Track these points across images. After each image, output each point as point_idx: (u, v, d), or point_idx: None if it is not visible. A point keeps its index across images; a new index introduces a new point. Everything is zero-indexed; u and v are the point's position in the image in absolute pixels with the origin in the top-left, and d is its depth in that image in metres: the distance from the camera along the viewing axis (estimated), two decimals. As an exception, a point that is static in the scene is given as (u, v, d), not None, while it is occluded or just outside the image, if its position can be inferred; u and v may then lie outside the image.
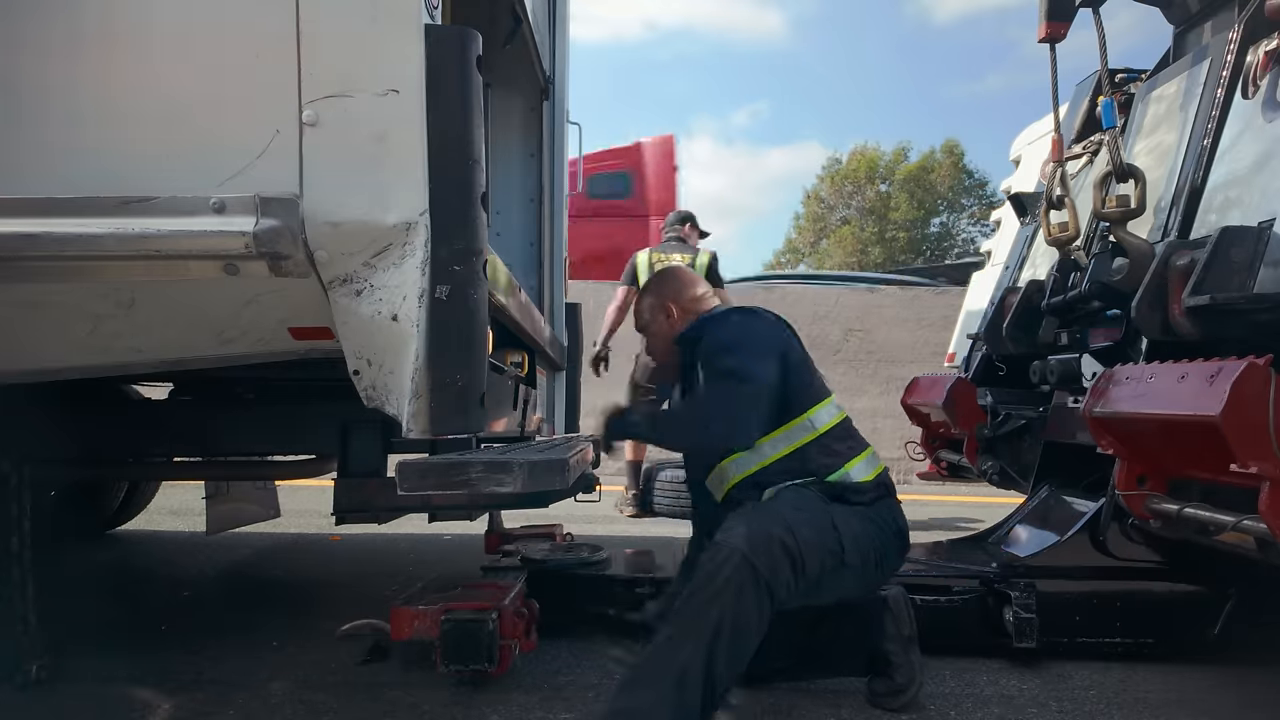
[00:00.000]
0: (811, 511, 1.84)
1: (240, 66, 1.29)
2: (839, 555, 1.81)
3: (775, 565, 1.65)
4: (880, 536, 1.93)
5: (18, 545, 2.08)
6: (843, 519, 1.87)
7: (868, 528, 1.91)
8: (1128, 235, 2.52)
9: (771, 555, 1.66)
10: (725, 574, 1.62)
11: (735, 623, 1.59)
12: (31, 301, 1.42)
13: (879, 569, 1.94)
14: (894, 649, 2.04)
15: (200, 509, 3.15)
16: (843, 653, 2.12)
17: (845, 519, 1.87)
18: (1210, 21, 3.00)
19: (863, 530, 1.89)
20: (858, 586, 1.95)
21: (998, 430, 3.30)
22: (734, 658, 1.59)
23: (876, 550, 1.91)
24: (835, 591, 1.90)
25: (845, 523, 1.86)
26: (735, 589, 1.60)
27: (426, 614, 2.03)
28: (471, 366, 1.35)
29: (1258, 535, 1.76)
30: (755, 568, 1.63)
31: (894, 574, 2.06)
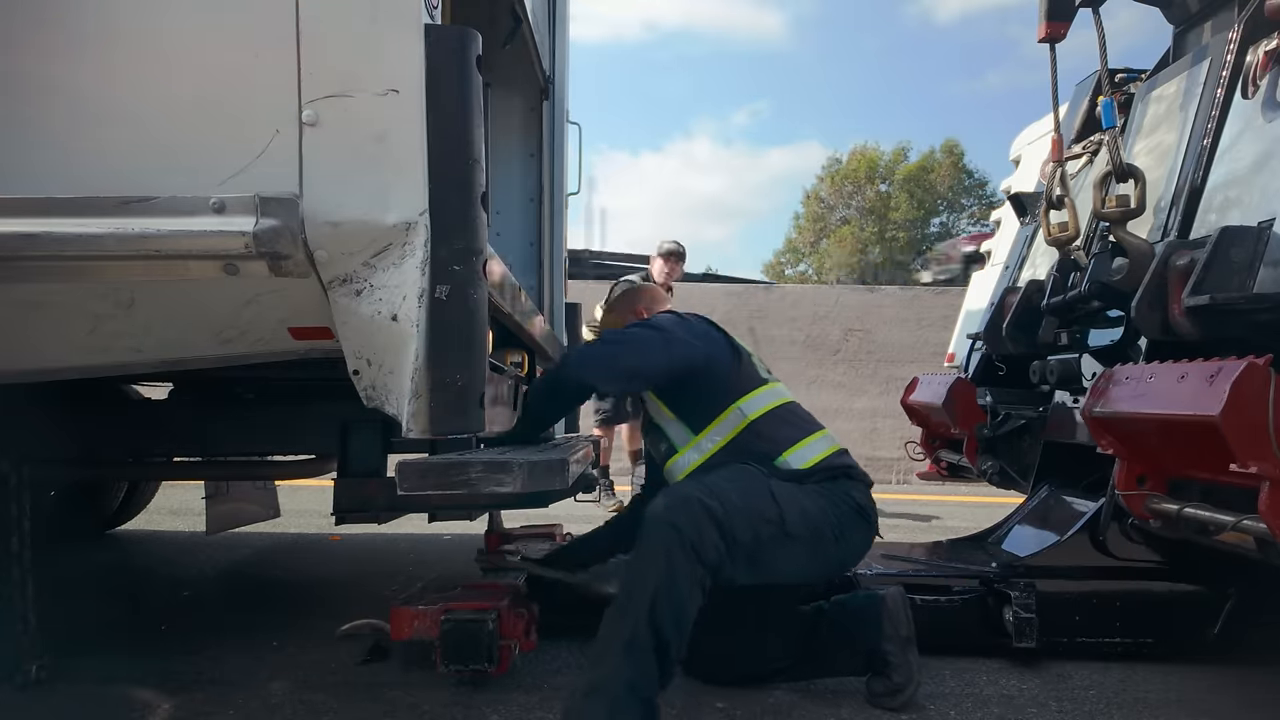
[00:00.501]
0: (745, 481, 1.87)
1: (240, 66, 1.29)
2: (778, 524, 1.82)
3: (699, 527, 1.69)
4: (835, 511, 1.94)
5: (18, 545, 2.08)
6: (785, 491, 1.89)
7: (818, 502, 1.92)
8: (1127, 235, 2.53)
9: (692, 516, 1.70)
10: (652, 542, 1.69)
11: (669, 585, 1.66)
12: (31, 301, 1.42)
13: (839, 544, 1.94)
14: (891, 649, 2.05)
15: (200, 509, 3.15)
16: (841, 653, 2.12)
17: (788, 492, 1.90)
18: (1210, 21, 3.00)
19: (812, 504, 1.91)
20: (816, 562, 1.95)
21: (997, 430, 3.30)
22: (676, 619, 1.66)
23: (832, 525, 1.91)
24: (791, 565, 1.90)
25: (788, 495, 1.88)
26: (663, 553, 1.67)
27: (426, 614, 2.03)
28: (471, 366, 1.35)
29: (1257, 535, 1.76)
30: (678, 529, 1.68)
31: (861, 553, 2.06)
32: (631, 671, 1.63)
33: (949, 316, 8.11)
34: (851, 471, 2.08)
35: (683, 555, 1.67)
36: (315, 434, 2.45)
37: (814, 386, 8.61)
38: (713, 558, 1.70)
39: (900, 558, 2.76)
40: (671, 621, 1.65)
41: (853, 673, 2.14)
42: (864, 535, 2.03)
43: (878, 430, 8.44)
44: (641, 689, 1.63)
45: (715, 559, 1.71)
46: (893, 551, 2.88)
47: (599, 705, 1.63)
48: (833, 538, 1.92)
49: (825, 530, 1.91)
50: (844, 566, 2.08)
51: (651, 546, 1.70)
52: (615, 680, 1.63)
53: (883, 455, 8.17)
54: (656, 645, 1.64)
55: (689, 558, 1.67)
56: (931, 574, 2.54)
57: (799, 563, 1.92)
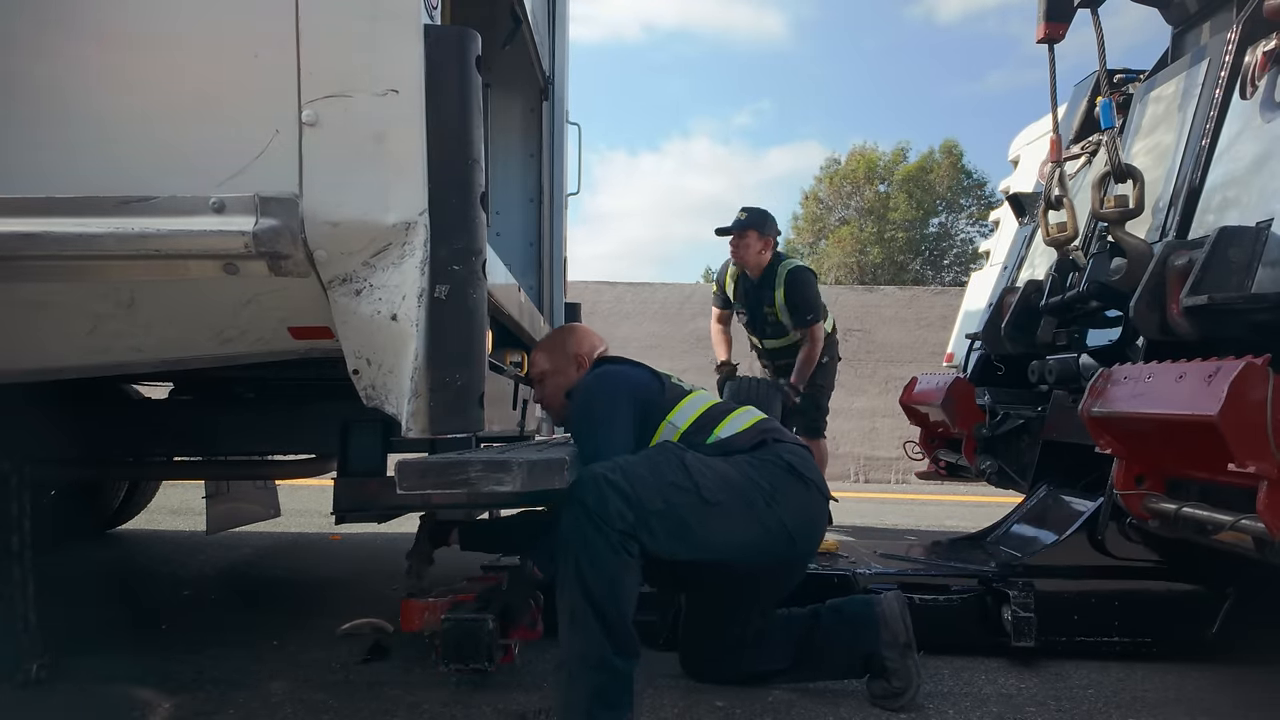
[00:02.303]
0: (655, 455, 1.89)
1: (240, 66, 1.30)
2: (693, 491, 1.81)
3: (601, 497, 1.72)
4: (763, 474, 1.92)
5: (18, 545, 2.08)
6: (699, 460, 1.89)
7: (742, 468, 1.92)
8: (1126, 235, 2.53)
9: (595, 488, 1.73)
10: (565, 522, 1.75)
11: (589, 558, 1.70)
12: (32, 301, 1.42)
13: (773, 506, 1.90)
14: (890, 655, 2.05)
15: (200, 508, 3.15)
16: (838, 656, 2.13)
17: (703, 460, 1.89)
18: (1208, 22, 3.01)
19: (734, 470, 1.90)
20: (755, 527, 1.90)
21: (996, 430, 3.31)
22: (610, 586, 1.71)
23: (762, 490, 1.89)
24: (726, 533, 1.87)
25: (701, 463, 1.88)
26: (575, 530, 1.72)
27: (437, 605, 2.03)
28: (471, 366, 1.35)
29: (1256, 535, 1.77)
30: (583, 503, 1.72)
31: (810, 516, 1.99)
32: (580, 644, 1.70)
33: (948, 316, 8.12)
34: (780, 435, 2.08)
35: (591, 526, 1.71)
36: (315, 433, 2.45)
37: (813, 386, 8.61)
38: (620, 525, 1.72)
39: (899, 557, 2.77)
40: (605, 590, 1.70)
41: (851, 675, 2.14)
42: (802, 494, 1.97)
43: (877, 430, 8.46)
44: (591, 658, 1.70)
45: (624, 526, 1.72)
46: (891, 551, 2.89)
47: (560, 680, 1.73)
48: (764, 501, 1.89)
49: (753, 494, 1.89)
50: (796, 532, 1.95)
51: (565, 526, 1.75)
52: (567, 653, 1.72)
53: (881, 455, 8.18)
54: (596, 614, 1.69)
55: (598, 528, 1.71)
56: (930, 573, 2.55)
57: (735, 530, 1.88)
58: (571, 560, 1.72)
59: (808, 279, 4.18)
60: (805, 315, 4.10)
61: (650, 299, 8.91)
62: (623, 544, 1.72)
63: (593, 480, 1.75)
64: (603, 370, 2.18)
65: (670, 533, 1.79)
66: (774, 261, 4.18)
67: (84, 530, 3.94)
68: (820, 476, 2.07)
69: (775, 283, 4.14)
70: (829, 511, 2.12)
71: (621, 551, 1.72)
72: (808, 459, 2.04)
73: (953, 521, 4.88)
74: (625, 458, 1.87)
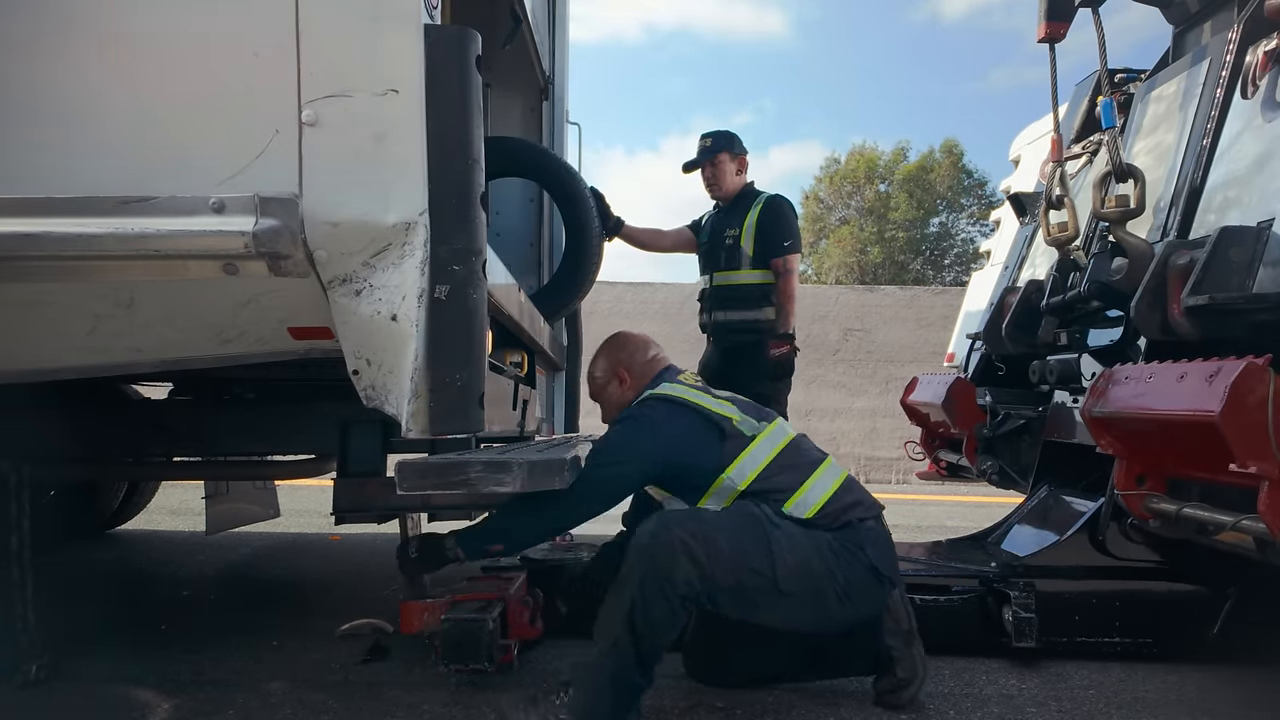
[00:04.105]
0: (742, 526, 1.83)
1: (240, 66, 1.29)
2: (769, 578, 1.79)
3: (674, 564, 1.74)
4: (845, 570, 1.85)
5: (17, 545, 2.08)
6: (787, 543, 1.82)
7: (827, 558, 1.84)
8: (1127, 235, 2.53)
9: (670, 553, 1.75)
10: (628, 568, 1.78)
11: (645, 608, 1.74)
12: (31, 301, 1.42)
13: (844, 605, 1.85)
14: (894, 644, 2.04)
15: (200, 509, 3.15)
16: (843, 652, 2.11)
17: (791, 544, 1.82)
18: (1209, 21, 3.00)
19: (818, 560, 1.83)
20: (815, 619, 1.89)
21: (997, 430, 3.30)
22: (654, 632, 1.76)
23: (838, 586, 1.83)
24: (785, 618, 1.89)
25: (789, 548, 1.81)
26: (639, 579, 1.75)
27: (436, 606, 2.03)
28: (471, 366, 1.35)
29: (1256, 535, 1.76)
30: (654, 560, 1.75)
31: (871, 615, 1.97)
32: (613, 666, 1.76)
33: (948, 316, 8.12)
34: (864, 511, 1.96)
35: (654, 585, 1.74)
36: (315, 434, 2.45)
37: (814, 386, 8.62)
38: (685, 592, 1.76)
39: (900, 557, 2.76)
40: (651, 635, 1.76)
41: (858, 673, 2.14)
42: (875, 597, 1.93)
43: (877, 430, 8.45)
44: (620, 679, 1.76)
45: (689, 593, 1.76)
46: (892, 551, 2.88)
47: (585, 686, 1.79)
48: (837, 599, 1.84)
49: (828, 590, 1.83)
50: (852, 622, 1.94)
51: (628, 572, 1.78)
52: (599, 668, 1.77)
53: (882, 455, 8.18)
54: (637, 649, 1.75)
55: (660, 588, 1.74)
56: (931, 574, 2.54)
57: (794, 617, 1.89)
58: (626, 602, 1.75)
59: (789, 207, 3.73)
60: (782, 241, 3.62)
61: (650, 299, 8.91)
62: (682, 606, 1.77)
63: (669, 541, 1.76)
64: (644, 413, 2.01)
65: (734, 606, 1.84)
66: (749, 188, 3.78)
67: (84, 530, 3.94)
68: (895, 567, 1.98)
69: (749, 206, 3.68)
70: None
71: (679, 611, 1.77)
72: (888, 548, 1.96)
73: (953, 522, 4.87)
74: (713, 523, 1.83)
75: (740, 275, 3.70)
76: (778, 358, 3.55)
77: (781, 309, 3.61)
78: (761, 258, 3.64)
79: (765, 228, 3.64)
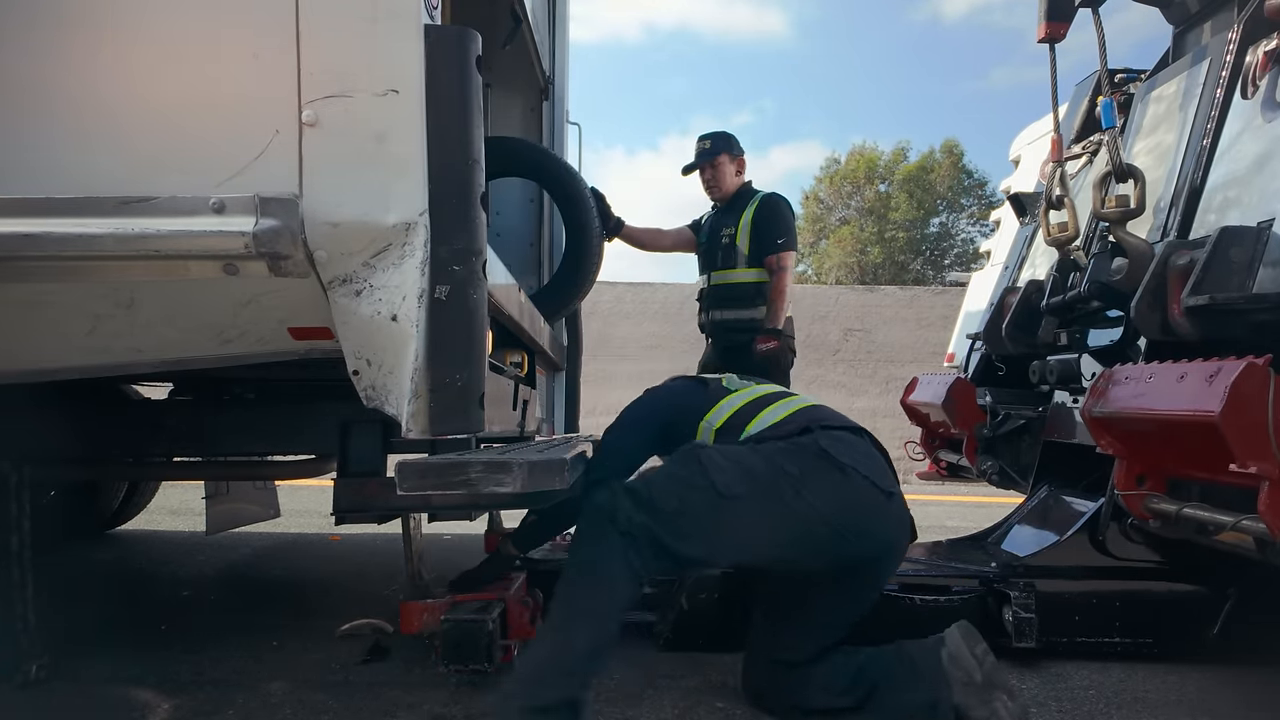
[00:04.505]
0: (675, 457, 1.84)
1: (240, 66, 1.29)
2: (709, 488, 1.71)
3: (613, 499, 1.72)
4: (793, 459, 1.76)
5: (18, 545, 2.08)
6: (717, 452, 1.79)
7: (771, 457, 1.77)
8: (1127, 235, 2.53)
9: (608, 491, 1.75)
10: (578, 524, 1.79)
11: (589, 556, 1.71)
12: (31, 301, 1.42)
13: (801, 494, 1.72)
14: (969, 701, 1.77)
15: (200, 509, 3.15)
16: (906, 703, 1.85)
17: (724, 452, 1.79)
18: (1210, 22, 3.00)
19: (759, 460, 1.76)
20: (780, 520, 1.74)
21: (997, 430, 3.30)
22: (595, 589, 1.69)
23: (789, 478, 1.73)
24: (748, 528, 1.74)
25: (720, 455, 1.78)
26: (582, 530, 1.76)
27: (436, 607, 2.03)
28: (471, 366, 1.35)
29: (1257, 535, 1.76)
30: (595, 504, 1.74)
31: (849, 504, 1.77)
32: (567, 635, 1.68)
33: (949, 316, 8.12)
34: (830, 420, 1.90)
35: (596, 527, 1.72)
36: (315, 434, 2.45)
37: (814, 386, 8.63)
38: (626, 527, 1.68)
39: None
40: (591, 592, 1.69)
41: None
42: (839, 483, 1.76)
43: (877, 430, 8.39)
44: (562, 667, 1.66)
45: (631, 528, 1.68)
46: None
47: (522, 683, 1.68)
48: (793, 490, 1.72)
49: (780, 483, 1.73)
50: (842, 527, 1.75)
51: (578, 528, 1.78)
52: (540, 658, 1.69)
53: (882, 455, 8.16)
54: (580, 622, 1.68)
55: (602, 529, 1.71)
56: (931, 574, 2.54)
57: (761, 524, 1.74)
58: (572, 561, 1.72)
59: (785, 205, 3.74)
60: (776, 239, 3.60)
61: (650, 299, 8.91)
62: (625, 550, 1.67)
63: (608, 486, 1.76)
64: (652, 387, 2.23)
65: (692, 533, 1.71)
66: (746, 188, 3.81)
67: (84, 530, 3.94)
68: (873, 466, 1.83)
69: (745, 205, 3.71)
70: (899, 511, 1.86)
71: (623, 556, 1.67)
72: (854, 445, 1.84)
73: (953, 522, 4.87)
74: (650, 467, 1.87)
75: (736, 274, 3.71)
76: (764, 354, 3.53)
77: (771, 305, 3.59)
78: (757, 256, 3.64)
79: (760, 225, 3.64)
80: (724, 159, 3.77)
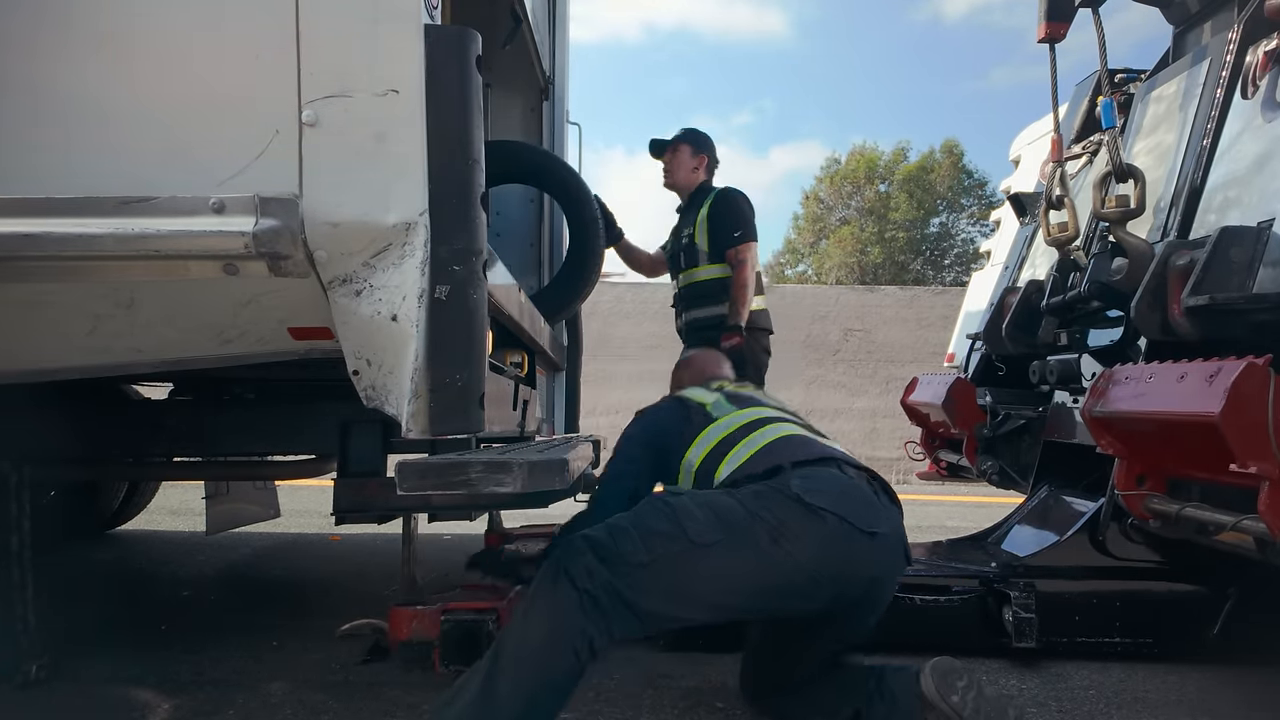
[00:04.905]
0: (642, 505, 1.74)
1: (240, 66, 1.29)
2: (681, 537, 1.60)
3: (572, 553, 1.59)
4: (767, 505, 1.65)
5: (18, 545, 2.08)
6: (690, 499, 1.69)
7: (747, 502, 1.66)
8: (1127, 235, 2.53)
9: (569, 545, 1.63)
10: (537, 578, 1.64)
11: (536, 612, 1.57)
12: (31, 301, 1.42)
13: (779, 543, 1.61)
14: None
15: (200, 509, 3.15)
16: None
17: (696, 499, 1.69)
18: (1210, 22, 3.00)
19: (736, 504, 1.66)
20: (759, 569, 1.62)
21: (997, 430, 3.30)
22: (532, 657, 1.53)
23: (766, 524, 1.62)
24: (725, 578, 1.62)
25: (693, 502, 1.67)
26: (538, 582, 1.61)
27: (426, 614, 2.03)
28: (471, 366, 1.35)
29: (1257, 535, 1.77)
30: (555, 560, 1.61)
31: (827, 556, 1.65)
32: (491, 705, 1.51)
33: (949, 316, 8.12)
34: (803, 454, 1.79)
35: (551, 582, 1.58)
36: (315, 434, 2.45)
37: (814, 386, 8.63)
38: (586, 584, 1.54)
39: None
40: (527, 661, 1.54)
41: None
42: (817, 529, 1.64)
43: (877, 430, 8.46)
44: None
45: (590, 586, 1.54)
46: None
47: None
48: (770, 538, 1.62)
49: (756, 530, 1.62)
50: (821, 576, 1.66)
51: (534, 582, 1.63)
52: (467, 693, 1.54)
53: (882, 455, 8.17)
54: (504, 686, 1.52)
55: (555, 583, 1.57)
56: (931, 574, 2.54)
57: (738, 575, 1.63)
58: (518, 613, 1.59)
59: (740, 198, 3.66)
60: (733, 232, 3.54)
61: (650, 299, 8.91)
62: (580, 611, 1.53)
63: (570, 540, 1.65)
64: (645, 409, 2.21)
65: (663, 588, 1.59)
66: (705, 186, 3.78)
67: (84, 530, 3.94)
68: (851, 504, 1.69)
69: (702, 202, 3.70)
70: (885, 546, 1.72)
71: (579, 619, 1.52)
72: (826, 484, 1.71)
73: (954, 522, 4.87)
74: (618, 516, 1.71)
75: (699, 272, 3.70)
76: (727, 350, 3.42)
77: (733, 300, 3.54)
78: (718, 252, 3.62)
79: (716, 221, 3.61)
80: (684, 149, 3.76)
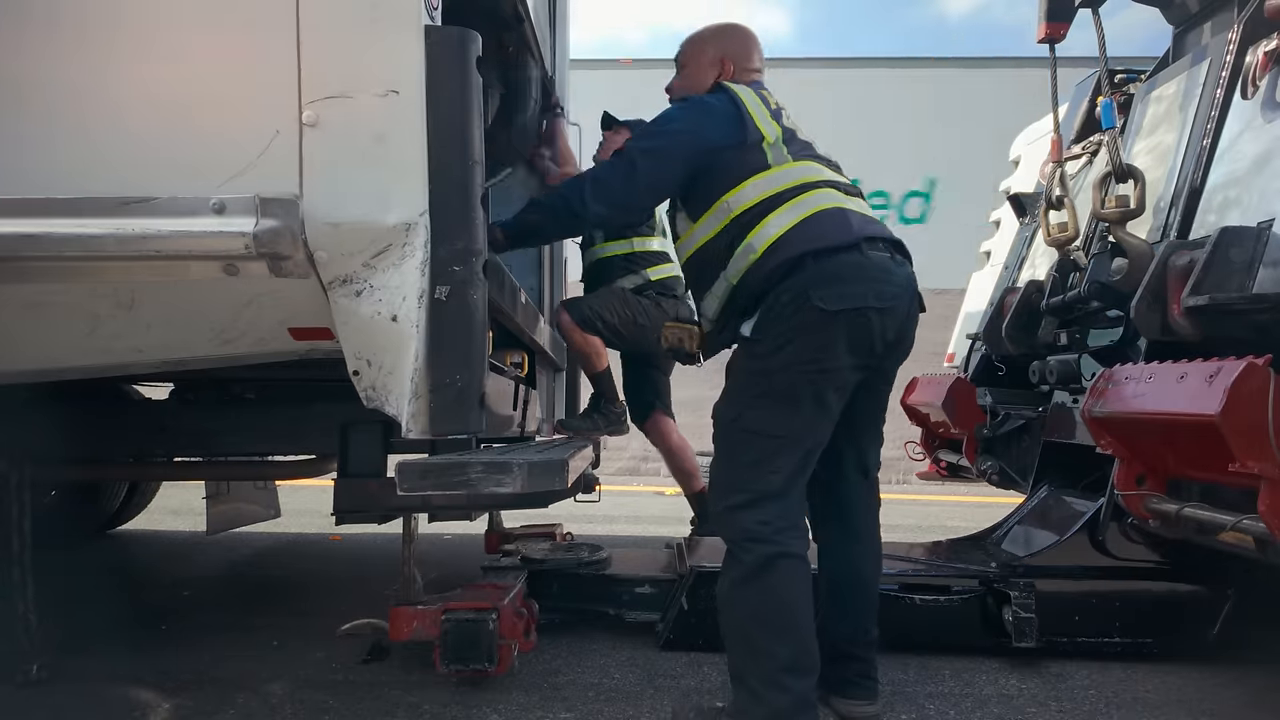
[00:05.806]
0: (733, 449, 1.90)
1: (240, 67, 1.30)
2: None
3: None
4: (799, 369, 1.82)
5: (18, 545, 2.08)
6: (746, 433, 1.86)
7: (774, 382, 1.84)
8: (1127, 235, 2.53)
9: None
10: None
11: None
12: (32, 302, 1.42)
13: (821, 402, 1.86)
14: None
15: (200, 509, 3.15)
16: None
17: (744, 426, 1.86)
18: (1210, 22, 3.00)
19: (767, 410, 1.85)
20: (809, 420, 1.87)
21: (997, 430, 3.30)
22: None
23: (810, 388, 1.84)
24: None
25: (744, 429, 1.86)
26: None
27: (426, 614, 2.03)
28: (471, 367, 1.35)
29: (1257, 535, 1.76)
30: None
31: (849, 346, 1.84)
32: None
33: (949, 316, 8.08)
34: (824, 246, 1.81)
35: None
36: (315, 434, 2.45)
37: (814, 386, 8.59)
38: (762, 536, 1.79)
39: (900, 558, 2.76)
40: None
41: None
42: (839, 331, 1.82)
43: (878, 430, 8.44)
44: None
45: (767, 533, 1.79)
46: (892, 551, 2.88)
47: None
48: (814, 400, 1.85)
49: (803, 400, 1.84)
50: (851, 363, 1.86)
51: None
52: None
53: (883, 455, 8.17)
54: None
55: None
56: (931, 574, 2.54)
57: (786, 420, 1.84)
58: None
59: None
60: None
61: (651, 299, 8.88)
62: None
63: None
64: (703, 97, 1.96)
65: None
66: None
67: (84, 530, 3.94)
68: (865, 288, 1.82)
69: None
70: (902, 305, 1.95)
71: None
72: (846, 274, 1.80)
73: (954, 522, 4.87)
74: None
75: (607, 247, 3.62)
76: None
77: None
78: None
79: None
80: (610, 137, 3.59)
